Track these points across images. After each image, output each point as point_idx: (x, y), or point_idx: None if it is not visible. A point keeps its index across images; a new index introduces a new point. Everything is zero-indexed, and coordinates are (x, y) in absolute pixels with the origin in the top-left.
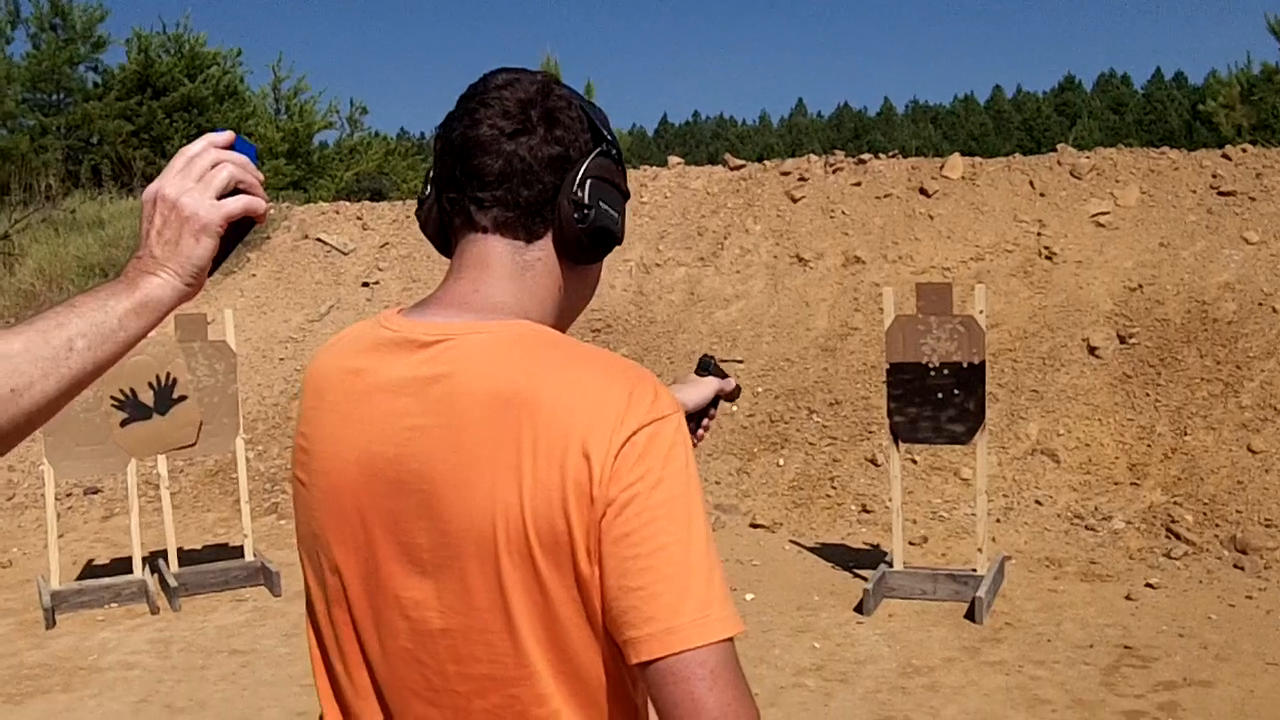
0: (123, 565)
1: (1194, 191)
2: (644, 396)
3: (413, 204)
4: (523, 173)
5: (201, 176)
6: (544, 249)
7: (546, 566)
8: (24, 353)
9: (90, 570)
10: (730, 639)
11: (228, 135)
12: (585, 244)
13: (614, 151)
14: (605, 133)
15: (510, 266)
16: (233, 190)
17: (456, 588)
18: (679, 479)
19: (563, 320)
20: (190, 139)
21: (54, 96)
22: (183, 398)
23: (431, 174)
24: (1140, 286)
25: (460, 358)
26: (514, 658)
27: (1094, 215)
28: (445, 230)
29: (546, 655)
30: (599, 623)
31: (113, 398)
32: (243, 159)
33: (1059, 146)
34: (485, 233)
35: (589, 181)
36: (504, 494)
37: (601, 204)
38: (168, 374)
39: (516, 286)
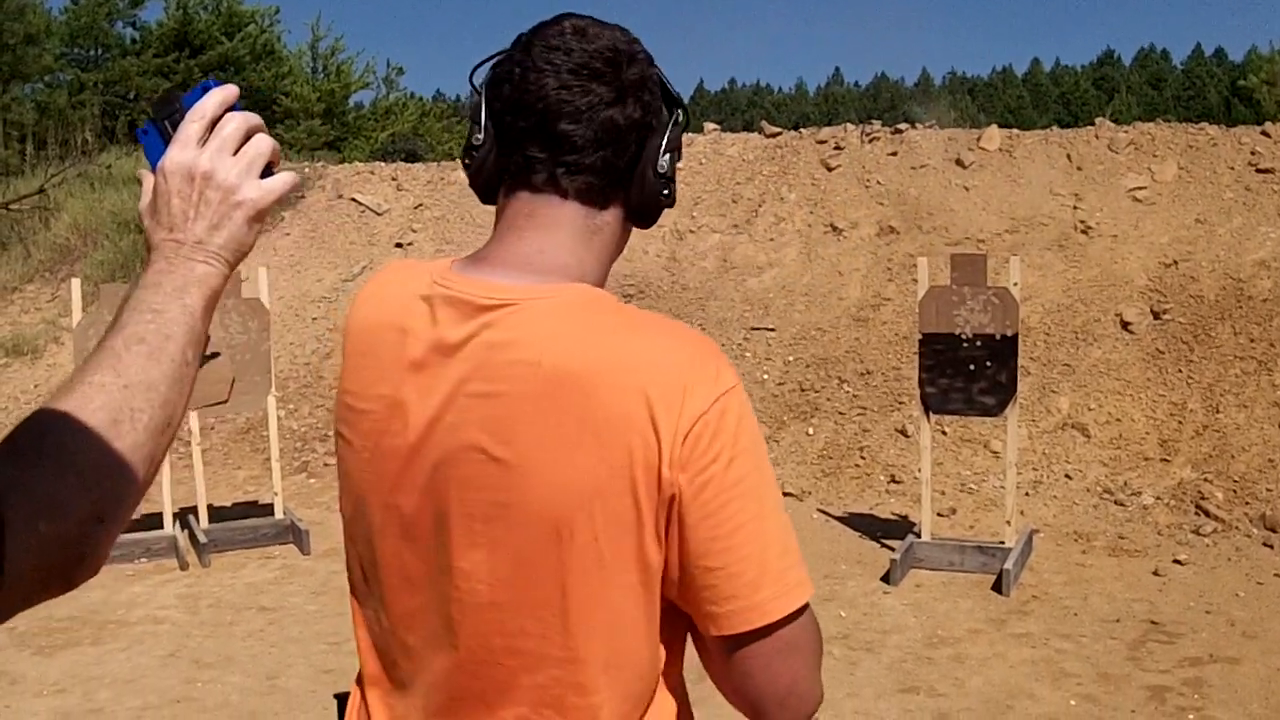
0: (153, 520)
1: (1232, 168)
2: (708, 369)
3: (448, 166)
4: (615, 141)
5: (236, 149)
6: (614, 214)
7: (609, 547)
8: (165, 379)
9: None
10: (805, 605)
11: (232, 90)
12: (657, 213)
13: (685, 117)
14: (675, 93)
15: (580, 230)
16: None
17: (510, 561)
18: (750, 455)
19: (604, 280)
20: None
21: (92, 52)
22: (215, 354)
23: (487, 122)
24: (1175, 262)
25: (524, 324)
26: (561, 637)
27: (1131, 190)
28: (496, 181)
29: (595, 641)
30: (656, 605)
31: None
32: (260, 121)
33: (1097, 120)
34: (564, 197)
35: (670, 154)
36: (568, 470)
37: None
38: None
39: (582, 250)
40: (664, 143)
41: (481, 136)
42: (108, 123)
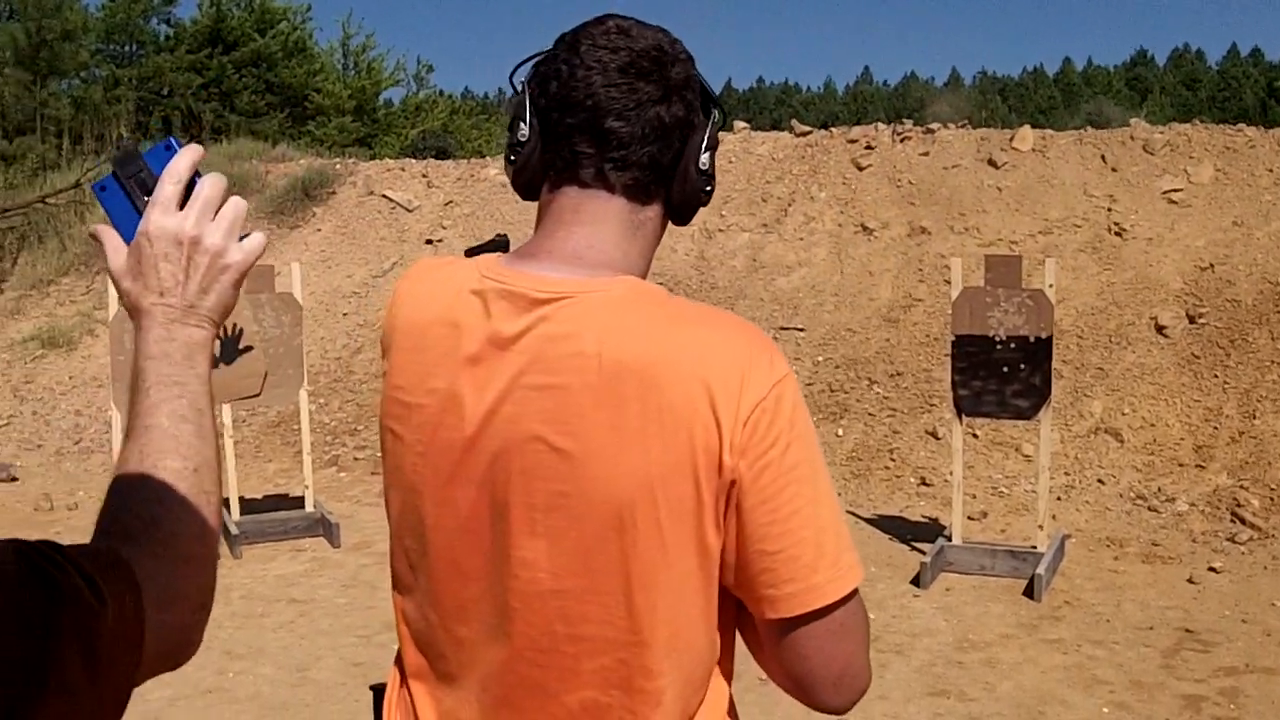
0: None
1: (1270, 170)
2: (763, 357)
3: (478, 163)
4: (661, 139)
5: (215, 214)
6: (655, 210)
7: (671, 532)
8: (213, 454)
9: None
10: (857, 588)
11: (199, 150)
12: (695, 210)
13: (723, 116)
14: (712, 91)
15: (626, 225)
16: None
17: (572, 549)
18: (804, 441)
19: (646, 275)
20: (258, 94)
21: (127, 48)
22: (249, 348)
23: (533, 119)
24: (1212, 266)
25: (579, 317)
26: (627, 621)
27: (1166, 192)
28: (540, 177)
29: (660, 625)
30: (714, 590)
31: None
32: (226, 183)
33: (1132, 121)
34: (611, 192)
35: (709, 151)
36: (631, 459)
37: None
38: (234, 324)
39: (628, 244)
40: (705, 140)
41: (527, 132)
42: (142, 118)
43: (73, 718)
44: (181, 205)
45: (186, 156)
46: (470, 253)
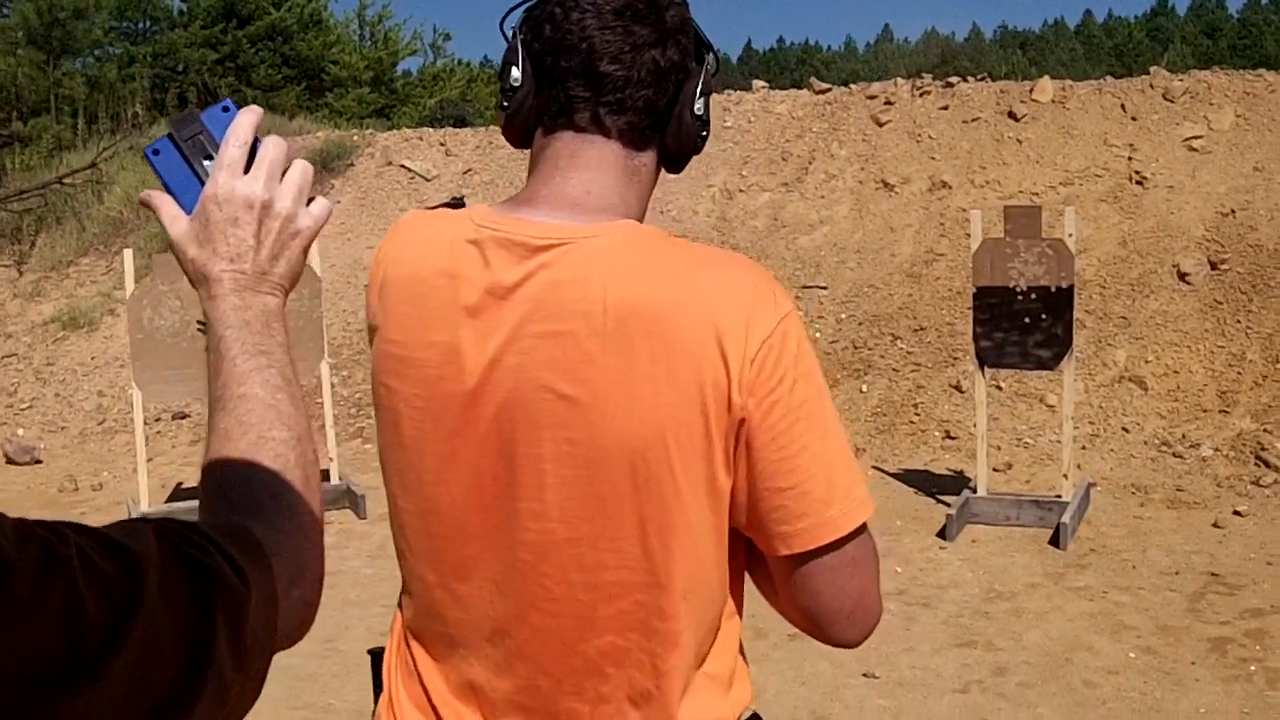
0: None
1: None
2: (767, 295)
3: (496, 131)
4: (657, 83)
5: (282, 177)
6: (650, 156)
7: (684, 475)
8: (307, 422)
9: (179, 493)
10: (866, 522)
11: (259, 112)
12: (689, 157)
13: (717, 63)
14: (706, 37)
15: (622, 171)
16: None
17: (585, 497)
18: (811, 376)
19: (642, 221)
20: (274, 68)
21: (140, 25)
22: None
23: (526, 64)
24: (1233, 212)
25: (582, 262)
26: (644, 563)
27: (1187, 139)
28: (534, 122)
29: (676, 567)
30: (725, 532)
31: (199, 321)
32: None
33: (1152, 69)
34: (607, 136)
35: (704, 97)
36: (641, 403)
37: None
38: None
39: (625, 189)
40: (700, 86)
41: (519, 77)
42: (157, 95)
43: (219, 712)
44: (246, 169)
45: (248, 118)
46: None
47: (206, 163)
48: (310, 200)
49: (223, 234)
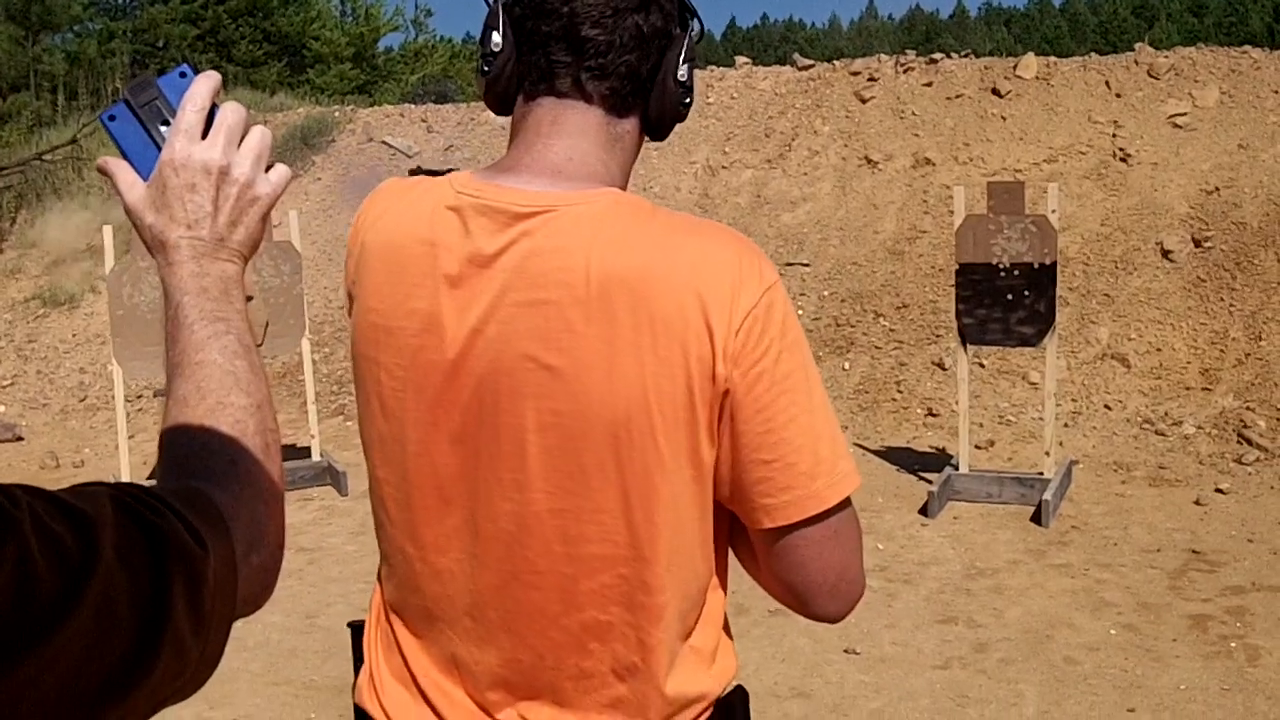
0: None
1: (1276, 92)
2: (753, 265)
3: (478, 107)
4: (639, 48)
5: (240, 143)
6: (633, 123)
7: (668, 446)
8: (267, 389)
9: None
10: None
11: (217, 77)
12: (672, 124)
13: (701, 29)
14: (691, 5)
15: (605, 137)
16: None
17: (568, 468)
18: (796, 348)
19: (625, 189)
20: (255, 44)
21: (121, 1)
22: (249, 298)
23: (506, 28)
24: (1217, 189)
25: (564, 230)
26: (626, 537)
27: (1171, 116)
28: (515, 88)
29: (660, 540)
30: (709, 504)
31: None
32: (247, 113)
33: (1137, 46)
34: (589, 102)
35: (687, 64)
36: (625, 373)
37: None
38: None
39: (608, 156)
40: (683, 52)
41: (500, 42)
42: (138, 71)
43: (180, 676)
44: (203, 135)
45: (205, 83)
46: None
47: (164, 128)
48: (269, 167)
49: (180, 200)
